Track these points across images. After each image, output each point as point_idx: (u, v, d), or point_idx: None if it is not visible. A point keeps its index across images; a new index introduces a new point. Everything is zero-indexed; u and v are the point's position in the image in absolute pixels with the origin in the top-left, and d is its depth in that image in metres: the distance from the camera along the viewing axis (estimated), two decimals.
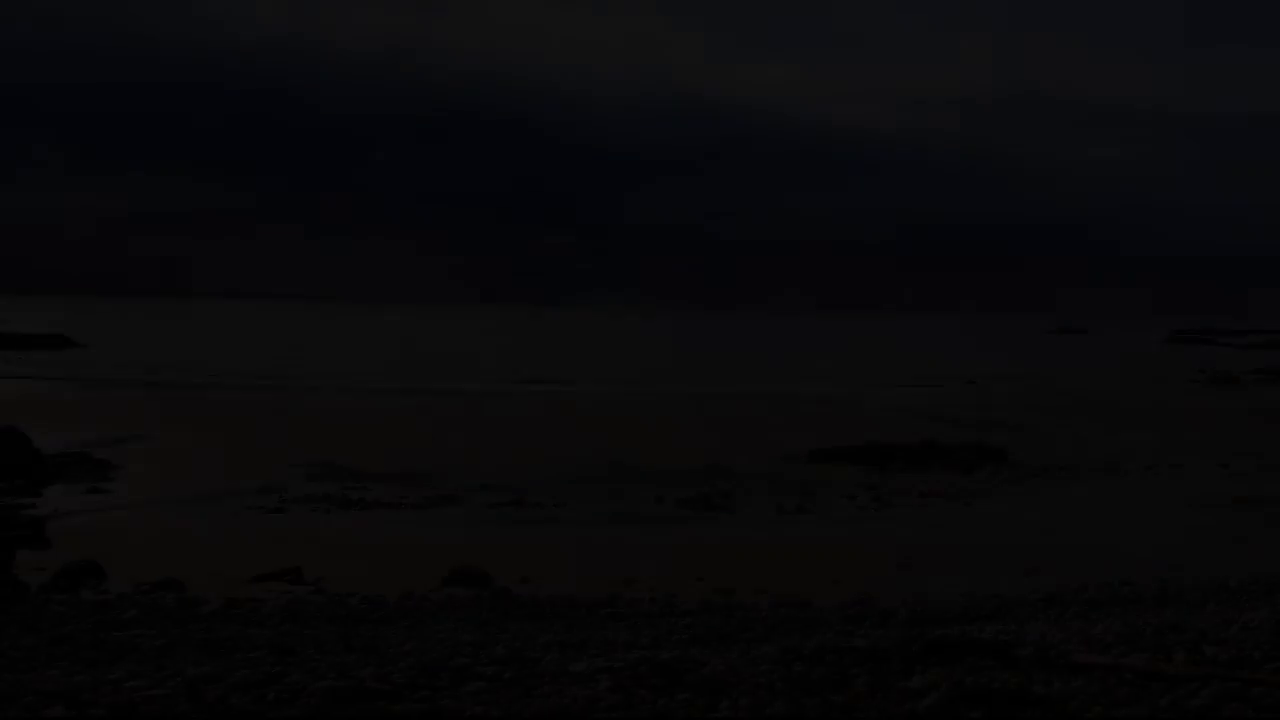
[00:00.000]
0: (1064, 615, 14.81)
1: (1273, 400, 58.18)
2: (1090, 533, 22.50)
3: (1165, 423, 44.76)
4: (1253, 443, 37.87)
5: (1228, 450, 35.33)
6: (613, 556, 20.19)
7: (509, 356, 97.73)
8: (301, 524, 23.17)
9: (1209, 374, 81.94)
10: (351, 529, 22.80)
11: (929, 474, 31.20)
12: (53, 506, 24.09)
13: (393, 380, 67.31)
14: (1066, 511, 24.76)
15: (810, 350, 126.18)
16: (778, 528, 23.59)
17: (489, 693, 8.11)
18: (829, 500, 26.64)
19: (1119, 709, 7.68)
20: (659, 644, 12.72)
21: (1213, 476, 30.20)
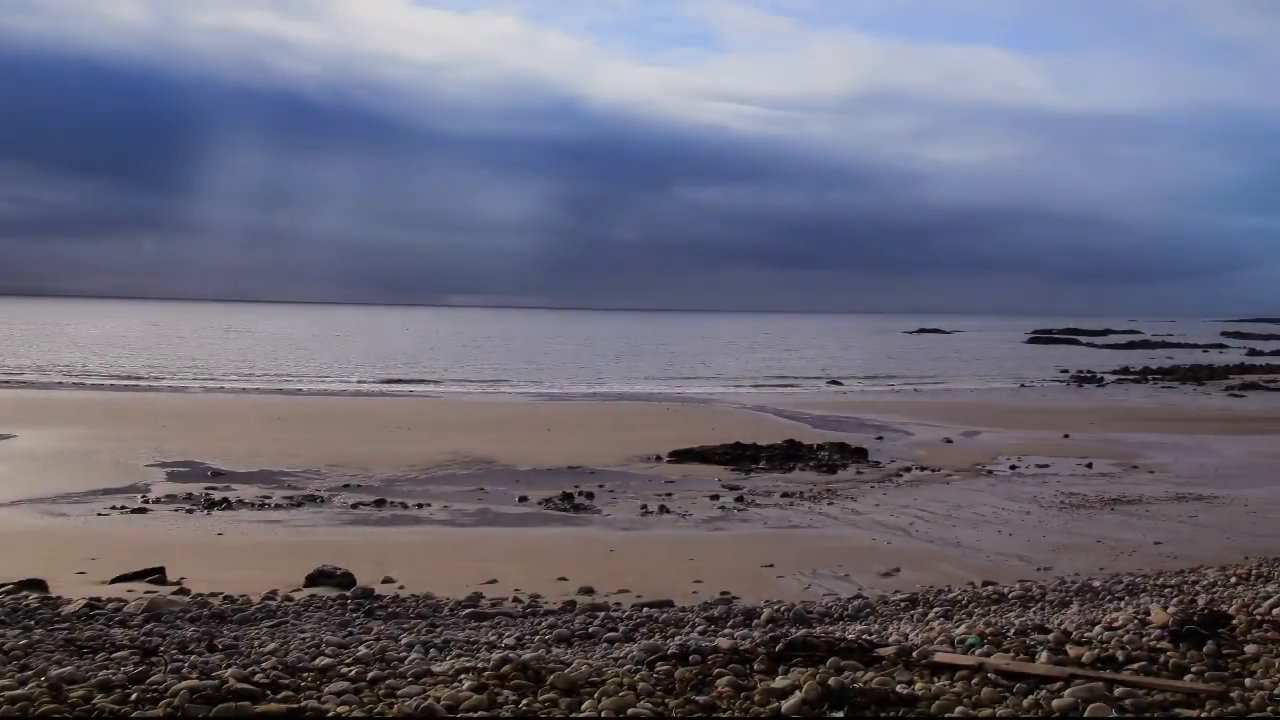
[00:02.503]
0: (927, 616, 15.03)
1: (1134, 400, 59.48)
2: (954, 533, 22.85)
3: (1029, 422, 45.54)
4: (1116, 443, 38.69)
5: (1092, 450, 36.06)
6: (476, 556, 20.28)
7: (372, 356, 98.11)
8: (165, 524, 23.00)
9: (1071, 374, 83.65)
10: (215, 529, 22.62)
11: (792, 474, 31.48)
12: None
13: (257, 380, 67.89)
14: (930, 511, 25.10)
15: (671, 350, 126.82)
16: (640, 527, 23.69)
17: (352, 693, 8.22)
18: (691, 500, 26.80)
19: (982, 709, 7.81)
20: (522, 644, 12.89)
21: (1078, 476, 30.79)
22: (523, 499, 26.70)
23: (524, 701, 7.98)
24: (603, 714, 7.70)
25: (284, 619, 14.90)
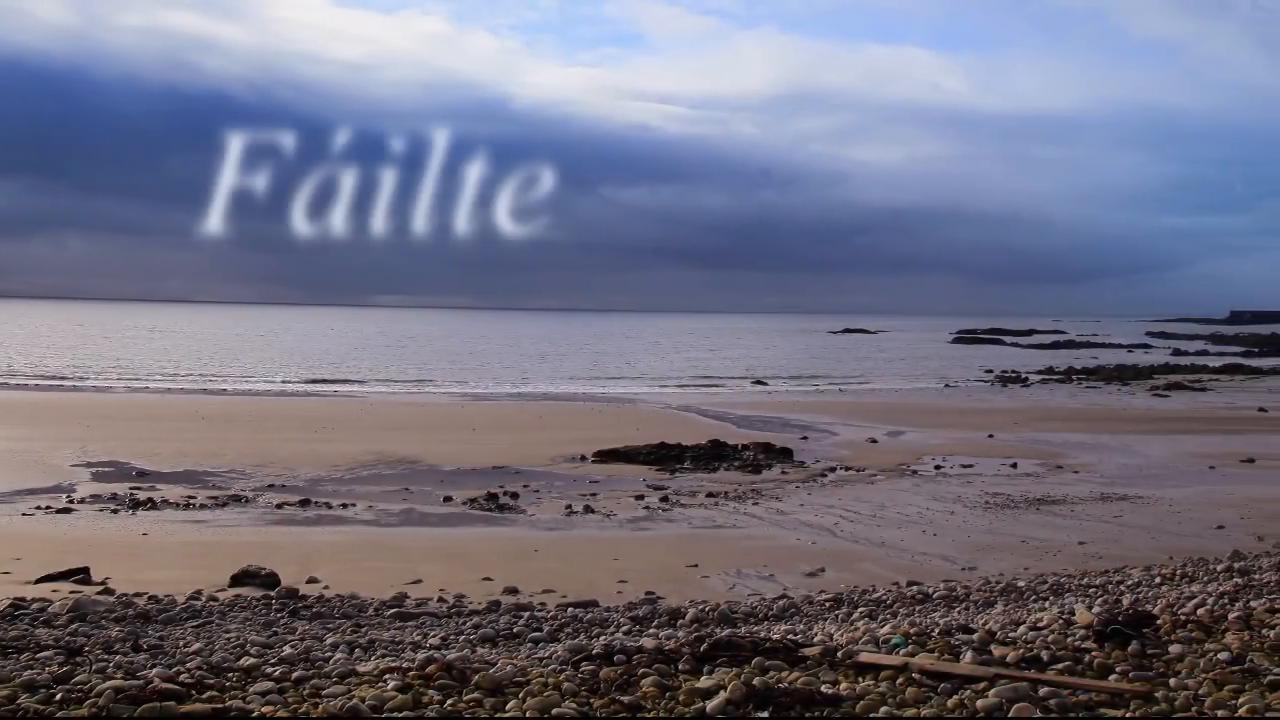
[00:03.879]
0: (852, 616, 15.09)
1: (1059, 400, 60.02)
2: (879, 533, 22.95)
3: (953, 422, 45.86)
4: (1041, 443, 39.02)
5: (1017, 450, 36.36)
6: (401, 557, 20.28)
7: (297, 356, 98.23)
8: (90, 524, 22.90)
9: (996, 374, 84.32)
10: (140, 529, 22.51)
11: (717, 474, 31.54)
12: None
13: (183, 380, 68.09)
14: (855, 512, 25.21)
15: (596, 350, 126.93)
16: (565, 528, 23.67)
17: (277, 693, 8.25)
18: (616, 500, 26.81)
19: (907, 709, 7.83)
20: (447, 644, 12.90)
21: (1002, 476, 31.01)
22: (448, 499, 26.68)
23: (449, 701, 8.02)
24: (527, 714, 7.72)
25: (209, 619, 14.89)
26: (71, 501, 25.09)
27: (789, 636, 11.15)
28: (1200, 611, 11.34)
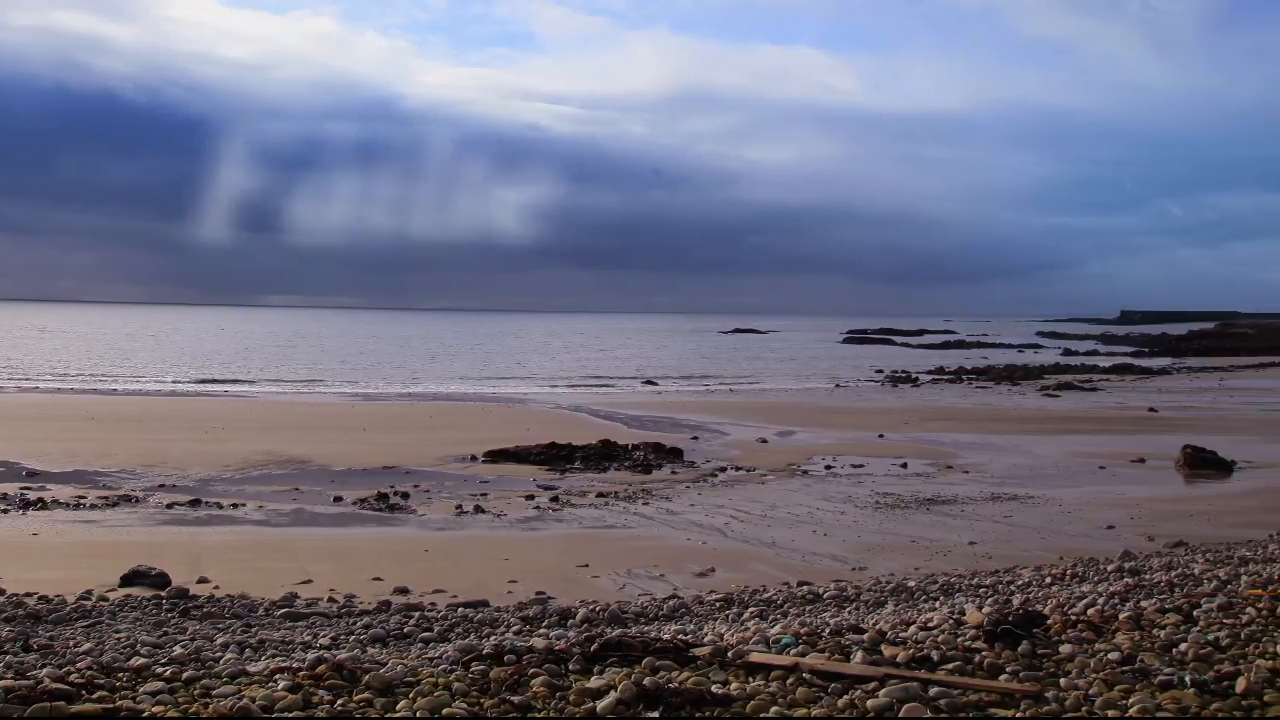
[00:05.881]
0: (742, 616, 15.16)
1: (949, 400, 60.68)
2: (769, 533, 23.08)
3: (844, 422, 46.21)
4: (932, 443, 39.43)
5: (907, 450, 36.71)
6: (291, 556, 20.25)
7: (188, 356, 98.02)
8: None
9: (887, 374, 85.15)
10: (30, 529, 22.37)
11: (607, 474, 31.63)
12: None
13: (73, 380, 67.79)
14: (745, 511, 25.33)
15: (487, 349, 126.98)
16: (456, 527, 23.67)
17: (167, 693, 8.27)
18: (507, 500, 26.83)
19: (797, 709, 7.87)
20: (338, 644, 12.93)
21: (893, 476, 31.30)
22: (338, 499, 26.65)
23: (339, 701, 8.05)
24: (418, 714, 7.76)
25: (99, 619, 14.88)
26: None
27: (680, 636, 11.16)
28: (1091, 611, 11.49)
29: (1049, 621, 10.66)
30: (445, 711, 7.76)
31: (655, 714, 7.59)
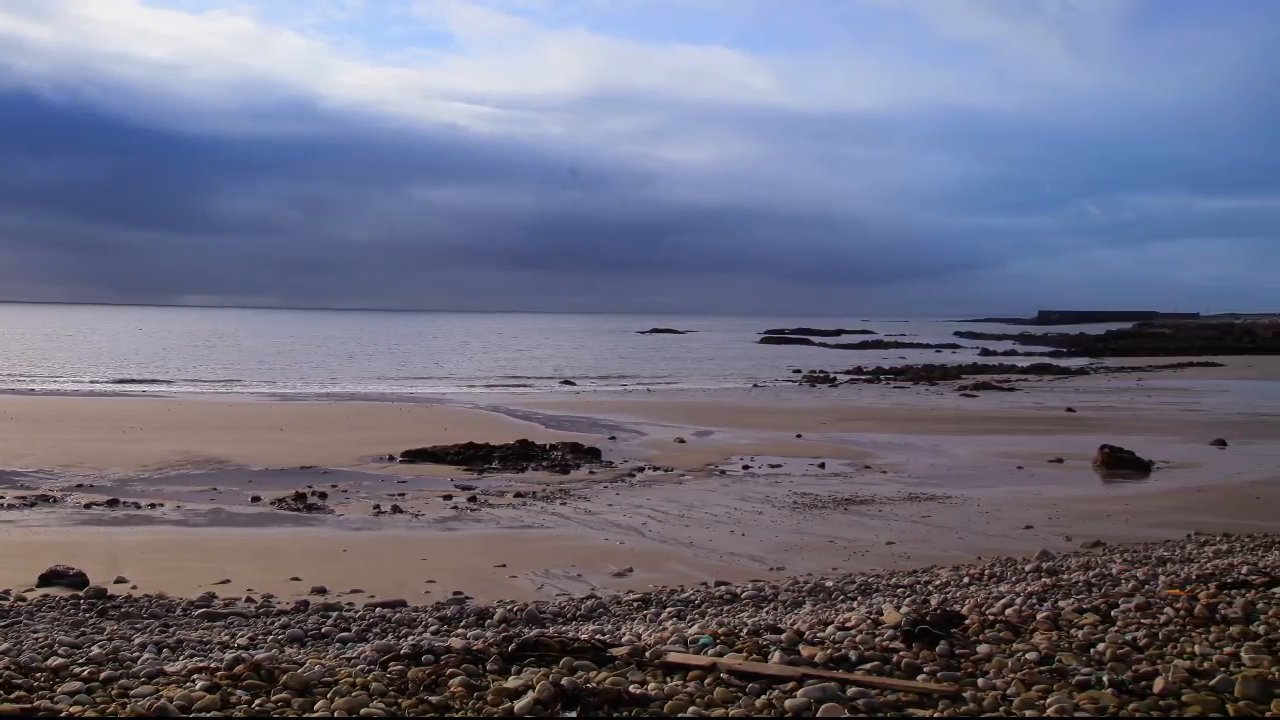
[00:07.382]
0: (660, 616, 15.19)
1: (867, 400, 61.02)
2: (687, 533, 23.12)
3: (762, 422, 46.38)
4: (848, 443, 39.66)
5: (825, 450, 36.89)
6: (209, 556, 20.15)
7: (105, 356, 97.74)
8: None
9: (804, 374, 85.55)
10: None
11: (525, 474, 31.61)
12: None
13: None
14: (663, 511, 25.38)
15: (404, 349, 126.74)
16: (374, 527, 23.61)
17: (85, 693, 8.29)
18: (424, 500, 26.78)
19: (715, 709, 7.90)
20: (256, 644, 12.95)
21: (810, 476, 31.44)
22: (255, 499, 26.57)
23: (257, 701, 8.06)
24: (336, 714, 7.77)
25: (16, 619, 14.84)
26: None
27: (597, 636, 11.17)
28: (1009, 611, 11.59)
29: (967, 621, 10.75)
30: (363, 711, 7.77)
31: (573, 714, 7.60)
